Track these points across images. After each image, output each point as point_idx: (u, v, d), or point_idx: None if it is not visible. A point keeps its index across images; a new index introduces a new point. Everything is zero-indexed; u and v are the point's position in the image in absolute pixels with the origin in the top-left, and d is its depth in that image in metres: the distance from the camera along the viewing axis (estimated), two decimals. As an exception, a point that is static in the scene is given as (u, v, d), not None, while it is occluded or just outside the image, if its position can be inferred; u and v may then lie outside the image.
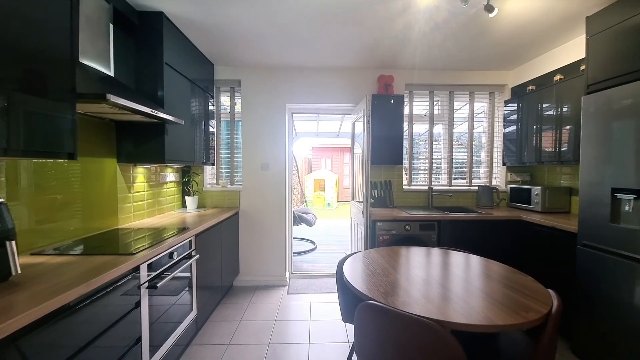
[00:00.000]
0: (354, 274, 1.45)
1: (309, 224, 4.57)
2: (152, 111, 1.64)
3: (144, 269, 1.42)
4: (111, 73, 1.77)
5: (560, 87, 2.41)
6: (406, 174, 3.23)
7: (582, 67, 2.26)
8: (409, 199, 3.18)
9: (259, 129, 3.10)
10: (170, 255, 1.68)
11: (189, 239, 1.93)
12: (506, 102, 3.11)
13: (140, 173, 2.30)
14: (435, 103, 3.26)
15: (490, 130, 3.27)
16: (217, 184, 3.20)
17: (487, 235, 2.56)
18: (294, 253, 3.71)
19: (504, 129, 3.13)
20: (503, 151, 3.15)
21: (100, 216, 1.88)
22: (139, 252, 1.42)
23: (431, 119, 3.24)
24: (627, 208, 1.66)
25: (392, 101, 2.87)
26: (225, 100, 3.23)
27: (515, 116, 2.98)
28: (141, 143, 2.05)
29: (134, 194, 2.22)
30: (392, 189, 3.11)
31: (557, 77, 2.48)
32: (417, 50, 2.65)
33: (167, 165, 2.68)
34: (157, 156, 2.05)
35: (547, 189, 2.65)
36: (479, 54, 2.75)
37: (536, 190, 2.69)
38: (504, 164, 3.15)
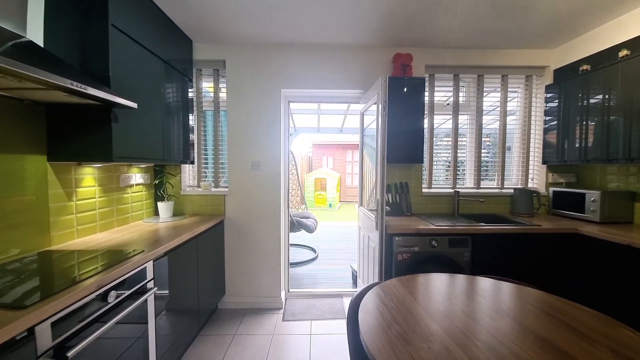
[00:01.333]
0: (371, 331, 0.92)
1: (309, 230, 4.04)
2: (74, 84, 1.11)
3: (44, 332, 0.89)
4: (39, 42, 1.25)
5: (627, 66, 1.87)
6: (425, 175, 2.68)
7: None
8: (429, 204, 2.64)
9: (248, 120, 2.56)
10: (105, 296, 1.15)
11: (142, 266, 1.40)
12: (548, 88, 2.56)
13: (88, 175, 1.77)
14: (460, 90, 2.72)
15: (527, 122, 2.72)
16: (198, 186, 2.67)
17: (532, 253, 2.03)
18: (291, 264, 3.18)
19: (545, 119, 2.58)
20: (544, 147, 2.60)
21: (17, 235, 1.35)
22: (38, 302, 0.89)
23: (456, 107, 2.69)
24: None
25: (407, 88, 2.32)
26: (207, 85, 2.69)
27: (559, 104, 2.43)
28: (82, 135, 1.52)
29: (79, 202, 1.69)
30: (409, 192, 2.57)
31: (624, 52, 1.93)
32: (442, 21, 2.11)
33: (131, 165, 2.15)
34: (101, 152, 1.52)
35: (608, 193, 2.11)
36: (517, 25, 2.20)
37: (593, 195, 2.15)
38: (544, 163, 2.61)
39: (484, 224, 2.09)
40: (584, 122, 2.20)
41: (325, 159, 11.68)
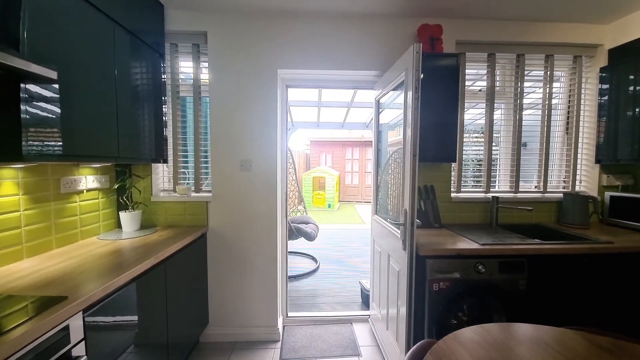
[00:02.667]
0: None
1: (310, 237, 3.56)
2: None
3: None
4: None
5: None
6: (454, 177, 2.21)
7: None
8: (458, 213, 2.17)
9: (237, 108, 2.05)
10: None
11: (60, 325, 0.89)
12: (603, 70, 2.10)
13: (5, 179, 1.25)
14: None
15: (575, 112, 2.25)
16: (174, 191, 2.15)
17: (602, 279, 1.57)
18: (289, 277, 2.70)
19: (599, 109, 2.13)
20: (597, 143, 2.15)
21: None
22: None
23: (491, 94, 2.21)
24: None
25: (438, 68, 1.83)
26: (185, 65, 2.17)
27: (617, 91, 1.98)
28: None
29: (-14, 220, 1.18)
30: (435, 198, 2.09)
31: None
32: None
33: (78, 165, 1.63)
34: (5, 147, 1.01)
35: (695, 201, 1.66)
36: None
37: (673, 203, 1.69)
38: (597, 162, 2.16)
39: (541, 241, 1.62)
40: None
41: (323, 156, 11.16)
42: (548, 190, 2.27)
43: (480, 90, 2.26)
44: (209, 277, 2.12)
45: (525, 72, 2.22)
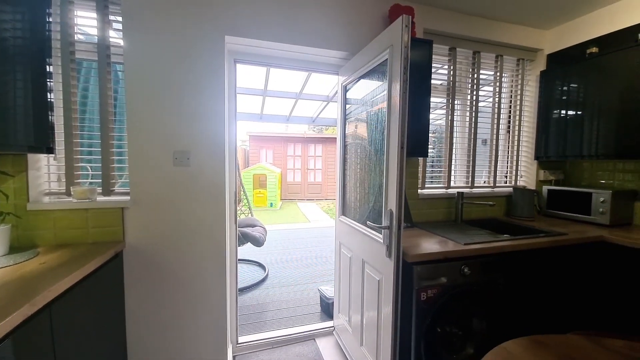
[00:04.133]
0: None
1: (258, 243, 3.13)
2: None
3: None
4: None
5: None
6: (419, 173, 2.11)
7: None
8: (426, 210, 2.09)
9: (167, 82, 1.53)
10: None
11: None
12: (544, 74, 2.28)
13: None
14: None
15: (518, 112, 2.41)
16: (68, 194, 1.51)
17: (559, 268, 1.63)
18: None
19: (538, 110, 2.30)
20: (535, 141, 2.33)
21: None
22: None
23: (453, 89, 2.19)
24: None
25: (412, 55, 1.68)
26: (86, 15, 1.54)
27: (554, 93, 2.17)
28: None
29: None
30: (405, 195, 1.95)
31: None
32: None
33: None
34: None
35: (618, 194, 1.88)
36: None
37: (603, 195, 1.90)
38: (536, 159, 2.34)
39: (511, 237, 1.60)
40: (590, 113, 1.94)
41: (264, 152, 10.56)
42: (497, 185, 2.38)
43: (441, 84, 2.22)
44: (127, 313, 1.56)
45: (481, 72, 2.27)
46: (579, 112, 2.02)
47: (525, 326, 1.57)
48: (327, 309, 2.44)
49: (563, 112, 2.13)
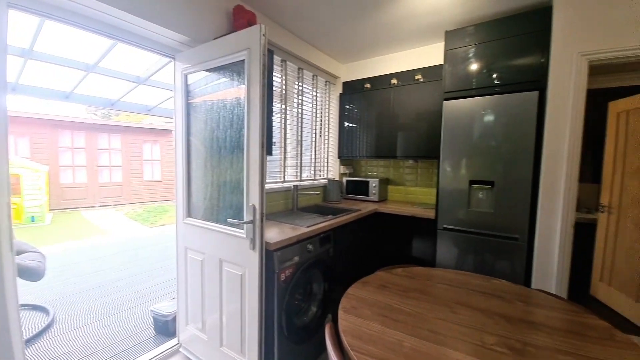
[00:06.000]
0: None
1: (36, 275, 2.13)
2: None
3: None
4: None
5: (396, 91, 2.70)
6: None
7: (417, 77, 2.65)
8: (268, 202, 2.30)
9: None
10: None
11: None
12: (341, 96, 3.11)
13: None
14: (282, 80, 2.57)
15: (327, 122, 3.15)
16: None
17: (360, 233, 2.39)
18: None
19: (340, 122, 3.14)
20: (338, 144, 3.16)
21: None
22: None
23: (285, 96, 2.52)
24: (481, 196, 2.09)
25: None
26: None
27: (349, 111, 3.06)
28: None
29: None
30: (252, 191, 2.07)
31: (394, 80, 2.76)
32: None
33: None
34: None
35: (381, 180, 2.96)
36: (335, 26, 2.44)
37: (374, 182, 2.91)
38: (339, 157, 3.18)
39: (334, 216, 2.14)
40: (364, 128, 2.92)
41: (12, 140, 6.89)
42: (316, 178, 3.02)
43: (275, 90, 2.50)
44: None
45: (303, 87, 2.77)
46: (358, 126, 2.97)
47: (351, 276, 2.16)
48: (165, 328, 2.13)
49: (351, 124, 3.04)
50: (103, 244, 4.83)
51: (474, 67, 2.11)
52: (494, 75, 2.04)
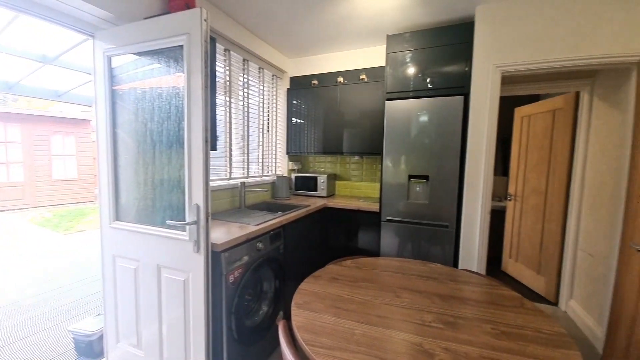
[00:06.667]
0: None
1: None
2: None
3: None
4: None
5: (343, 90, 2.78)
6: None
7: (362, 77, 2.76)
8: (213, 201, 2.16)
9: None
10: None
11: None
12: (289, 91, 3.08)
13: None
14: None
15: (275, 117, 3.08)
16: None
17: (310, 228, 2.41)
18: None
19: (288, 117, 3.10)
20: (287, 140, 3.12)
21: None
22: None
23: (230, 88, 2.38)
24: (418, 189, 2.30)
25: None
26: None
27: (297, 106, 3.04)
28: None
29: None
30: (194, 189, 1.91)
31: (340, 79, 2.83)
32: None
33: None
34: None
35: (329, 176, 3.02)
36: (282, 19, 2.40)
37: (322, 178, 2.97)
38: (287, 153, 3.15)
39: (283, 213, 2.12)
40: (311, 124, 2.94)
41: None
42: (264, 174, 2.94)
43: (218, 81, 2.35)
44: None
45: (249, 79, 2.66)
46: (306, 122, 2.98)
47: (303, 271, 2.16)
48: (89, 350, 1.86)
49: (299, 120, 3.03)
50: (4, 256, 3.95)
51: (411, 70, 2.29)
52: (428, 80, 2.25)
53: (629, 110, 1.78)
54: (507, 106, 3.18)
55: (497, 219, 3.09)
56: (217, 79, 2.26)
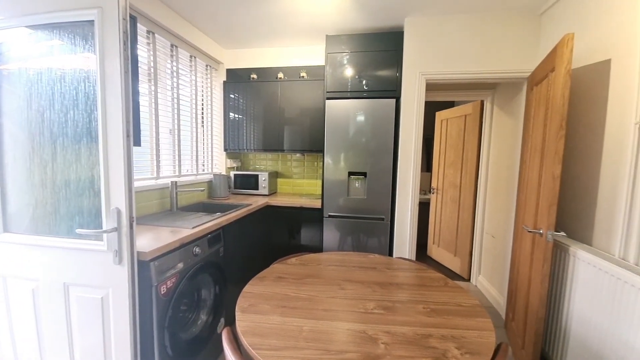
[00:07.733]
0: None
1: None
2: None
3: None
4: None
5: (283, 86, 2.74)
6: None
7: (302, 74, 2.77)
8: (138, 203, 1.90)
9: None
10: None
11: None
12: (225, 83, 2.89)
13: None
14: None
15: (210, 111, 2.86)
16: None
17: (252, 228, 2.33)
18: None
19: (225, 112, 2.91)
20: (225, 136, 2.94)
21: None
22: None
23: (155, 76, 2.12)
24: (357, 185, 2.42)
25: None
26: None
27: (235, 100, 2.88)
28: None
29: None
30: (113, 191, 1.64)
31: (280, 75, 2.79)
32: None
33: None
34: None
35: (271, 174, 2.96)
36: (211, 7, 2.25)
37: (264, 175, 2.89)
38: (225, 150, 2.96)
39: (222, 214, 1.99)
40: (250, 119, 2.84)
41: None
42: (199, 173, 2.71)
43: (141, 67, 2.07)
44: None
45: (179, 67, 2.40)
46: (245, 118, 2.86)
47: (247, 273, 2.06)
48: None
49: (237, 116, 2.89)
50: None
51: (349, 72, 2.39)
52: (364, 82, 2.38)
53: (520, 118, 2.19)
54: (431, 110, 3.58)
55: (423, 210, 3.48)
56: (139, 65, 1.98)
